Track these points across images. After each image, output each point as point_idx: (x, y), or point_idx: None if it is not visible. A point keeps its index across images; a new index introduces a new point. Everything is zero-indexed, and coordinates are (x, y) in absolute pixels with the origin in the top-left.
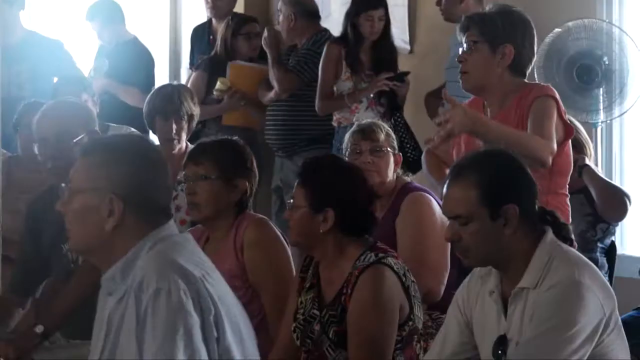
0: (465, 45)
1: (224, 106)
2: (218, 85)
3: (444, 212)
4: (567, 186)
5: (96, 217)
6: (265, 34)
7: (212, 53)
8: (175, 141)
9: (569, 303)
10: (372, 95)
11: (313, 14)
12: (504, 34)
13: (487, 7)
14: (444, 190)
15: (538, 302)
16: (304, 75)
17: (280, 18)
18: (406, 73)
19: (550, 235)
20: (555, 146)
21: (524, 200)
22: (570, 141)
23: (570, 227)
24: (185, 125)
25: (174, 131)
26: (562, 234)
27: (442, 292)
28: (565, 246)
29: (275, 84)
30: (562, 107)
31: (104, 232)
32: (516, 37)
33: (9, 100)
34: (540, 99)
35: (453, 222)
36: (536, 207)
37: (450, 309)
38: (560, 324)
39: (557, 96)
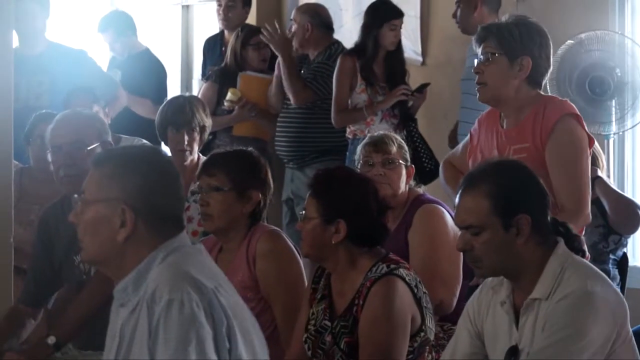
0: (482, 57)
1: (234, 117)
2: (229, 95)
3: (456, 222)
4: None
5: (108, 228)
6: (272, 35)
7: (223, 64)
8: (187, 152)
9: (581, 314)
10: None
11: (328, 26)
12: (522, 46)
13: (503, 18)
14: (457, 200)
15: (550, 312)
16: (320, 91)
17: (294, 27)
18: (426, 85)
19: (562, 246)
20: (589, 206)
21: (536, 211)
22: None
23: (583, 239)
24: (197, 137)
25: (186, 142)
26: (574, 245)
27: (454, 303)
28: (577, 257)
29: (290, 95)
30: (582, 121)
31: (116, 243)
32: (533, 49)
33: (26, 110)
34: (561, 123)
35: (465, 232)
36: (548, 217)
37: (460, 319)
38: (572, 335)
39: (576, 110)
